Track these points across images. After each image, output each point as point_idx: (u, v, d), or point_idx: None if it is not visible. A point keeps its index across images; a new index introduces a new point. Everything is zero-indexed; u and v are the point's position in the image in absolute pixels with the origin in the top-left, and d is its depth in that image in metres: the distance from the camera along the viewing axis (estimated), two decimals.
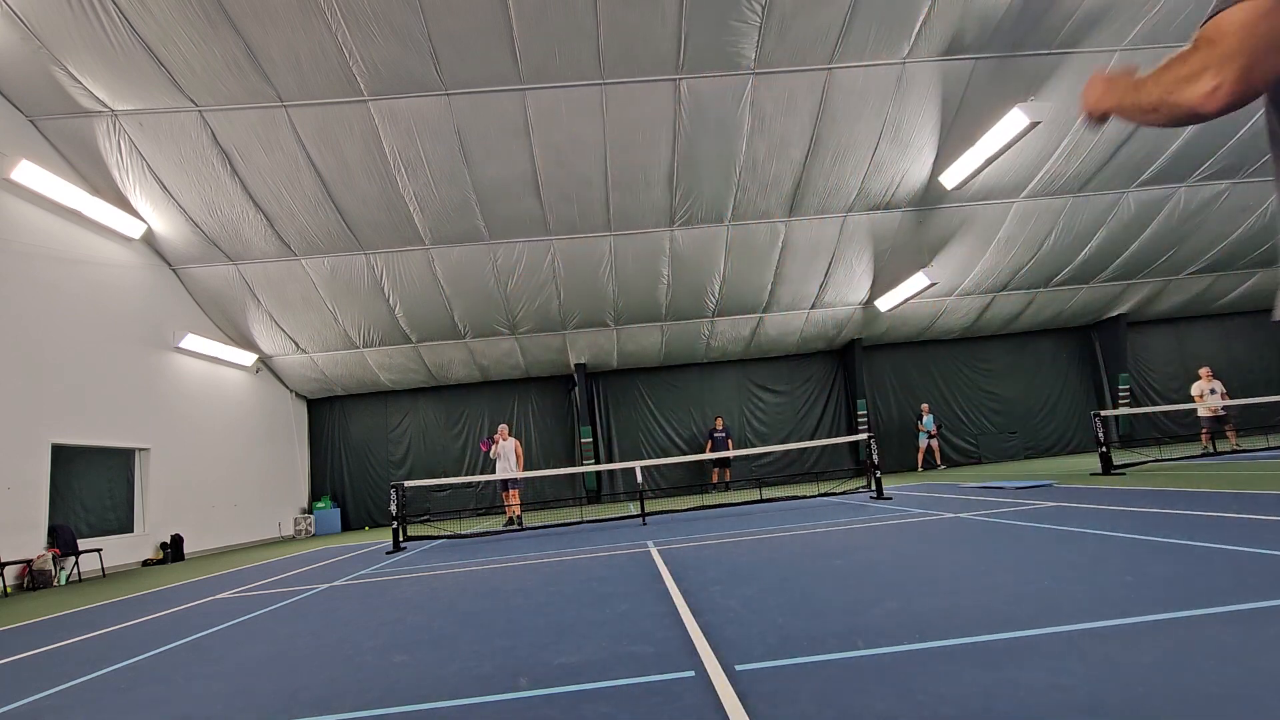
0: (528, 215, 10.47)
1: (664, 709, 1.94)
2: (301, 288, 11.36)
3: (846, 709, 1.80)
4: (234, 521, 12.36)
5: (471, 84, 8.34)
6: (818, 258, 12.25)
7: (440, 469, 15.19)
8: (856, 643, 2.37)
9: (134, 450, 10.28)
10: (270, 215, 9.83)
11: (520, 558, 6.09)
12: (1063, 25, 8.47)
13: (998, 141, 8.65)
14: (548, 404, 15.67)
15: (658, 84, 8.64)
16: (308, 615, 4.19)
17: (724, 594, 3.46)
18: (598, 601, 3.62)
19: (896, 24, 8.20)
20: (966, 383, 16.04)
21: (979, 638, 2.29)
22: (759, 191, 10.59)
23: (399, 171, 9.36)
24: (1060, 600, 2.67)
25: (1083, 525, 4.50)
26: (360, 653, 3.02)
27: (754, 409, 15.77)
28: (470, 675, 2.47)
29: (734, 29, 8.00)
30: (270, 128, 8.56)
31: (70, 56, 7.46)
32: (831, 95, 9.09)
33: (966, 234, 12.13)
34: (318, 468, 15.36)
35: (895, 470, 15.30)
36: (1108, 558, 3.40)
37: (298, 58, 7.74)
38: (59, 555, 8.30)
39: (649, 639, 2.73)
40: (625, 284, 12.20)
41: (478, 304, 12.26)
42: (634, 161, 9.72)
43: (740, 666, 2.24)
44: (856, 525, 5.87)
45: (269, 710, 2.32)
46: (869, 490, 8.91)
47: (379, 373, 14.26)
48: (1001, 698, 1.77)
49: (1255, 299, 15.75)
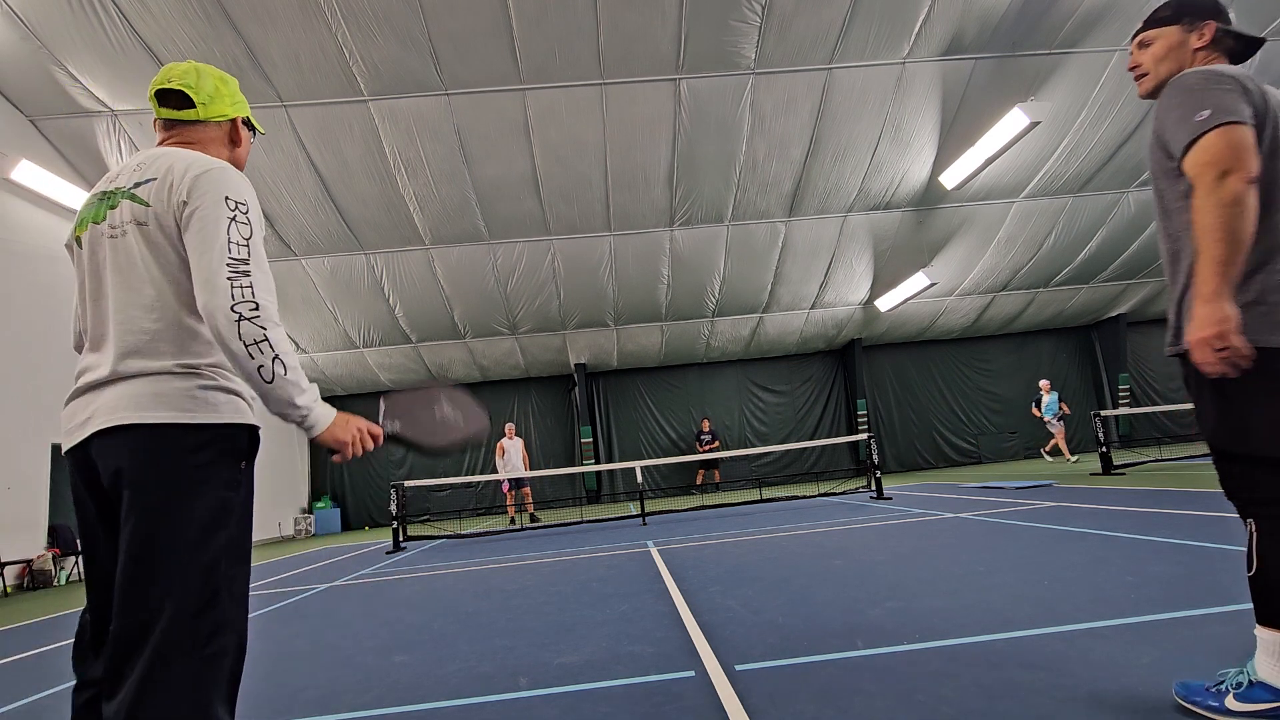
0: (528, 215, 10.47)
1: (664, 709, 1.94)
2: (301, 288, 11.36)
3: (846, 709, 1.80)
4: None
5: (471, 84, 8.34)
6: (817, 258, 12.25)
7: (440, 469, 15.19)
8: (856, 643, 2.37)
9: None
10: (270, 215, 9.82)
11: (520, 558, 6.09)
12: (1063, 25, 8.47)
13: (998, 141, 8.65)
14: (548, 404, 15.67)
15: (658, 84, 8.64)
16: (308, 615, 4.19)
17: (724, 594, 3.46)
18: (598, 601, 3.62)
19: (896, 24, 8.20)
20: (966, 383, 16.03)
21: (979, 638, 2.29)
22: (759, 191, 10.59)
23: (399, 171, 9.35)
24: (1060, 600, 2.67)
25: (1083, 525, 4.50)
26: (360, 653, 3.02)
27: (754, 409, 15.77)
28: (470, 675, 2.47)
29: (734, 29, 8.00)
30: (270, 128, 8.56)
31: (70, 56, 7.46)
32: (831, 95, 9.09)
33: (966, 234, 12.13)
34: (318, 467, 15.36)
35: (895, 471, 15.31)
36: (1108, 558, 3.40)
37: (298, 58, 7.74)
38: (59, 555, 8.30)
39: (649, 639, 2.73)
40: (625, 284, 12.20)
41: (478, 304, 12.26)
42: (634, 161, 9.72)
43: (740, 666, 2.24)
44: (856, 525, 5.87)
45: (269, 710, 2.32)
46: (869, 490, 8.91)
47: (379, 373, 14.26)
48: (1001, 698, 1.77)
49: None
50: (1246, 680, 1.51)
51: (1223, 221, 1.38)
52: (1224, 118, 1.41)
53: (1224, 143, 1.40)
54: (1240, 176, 1.38)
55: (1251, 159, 1.39)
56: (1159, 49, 1.68)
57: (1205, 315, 1.40)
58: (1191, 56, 1.64)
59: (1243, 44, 1.66)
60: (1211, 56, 1.63)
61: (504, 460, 10.51)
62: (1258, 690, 1.48)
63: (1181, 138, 1.47)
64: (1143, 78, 1.72)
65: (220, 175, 1.31)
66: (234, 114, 1.51)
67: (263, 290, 1.25)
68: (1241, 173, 1.38)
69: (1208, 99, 1.44)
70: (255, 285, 1.25)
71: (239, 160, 1.55)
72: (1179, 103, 1.50)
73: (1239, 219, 1.38)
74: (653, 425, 15.54)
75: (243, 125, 1.55)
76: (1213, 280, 1.39)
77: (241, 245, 1.26)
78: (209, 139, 1.48)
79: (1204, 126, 1.42)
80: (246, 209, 1.30)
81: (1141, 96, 1.75)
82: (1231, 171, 1.38)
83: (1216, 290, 1.39)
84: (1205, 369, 1.43)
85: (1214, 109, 1.43)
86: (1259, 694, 1.48)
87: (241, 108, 1.54)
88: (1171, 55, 1.66)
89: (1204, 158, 1.42)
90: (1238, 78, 1.48)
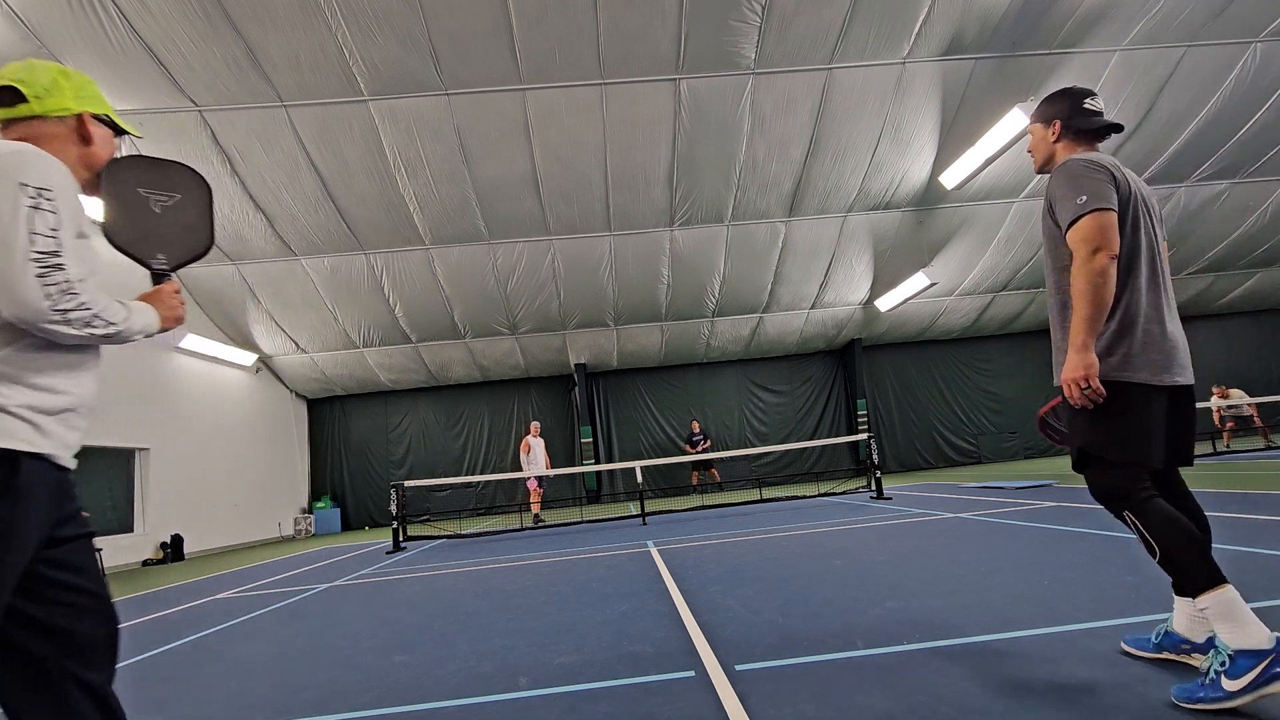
0: (528, 215, 10.47)
1: (664, 709, 1.95)
2: (301, 288, 11.36)
3: (846, 709, 1.80)
4: (234, 521, 12.36)
5: (471, 84, 8.34)
6: (817, 258, 12.25)
7: (440, 469, 15.19)
8: (856, 643, 2.37)
9: (134, 450, 10.28)
10: (270, 215, 9.82)
11: (520, 558, 6.09)
12: (1063, 25, 8.47)
13: (998, 141, 8.64)
14: (548, 404, 15.67)
15: (658, 84, 8.64)
16: (308, 615, 4.19)
17: (724, 594, 3.46)
18: (598, 601, 3.62)
19: (896, 24, 8.20)
20: (966, 383, 16.04)
21: (979, 638, 2.29)
22: (759, 191, 10.59)
23: (399, 171, 9.35)
24: (1060, 600, 2.67)
25: (1083, 525, 4.51)
26: (360, 653, 3.02)
27: (754, 409, 15.77)
28: (470, 675, 2.48)
29: (734, 29, 8.00)
30: (270, 128, 8.56)
31: (70, 56, 7.45)
32: (831, 95, 9.09)
33: (966, 234, 12.13)
34: (318, 467, 15.36)
35: (895, 471, 15.31)
36: (1108, 558, 3.40)
37: (298, 58, 7.74)
38: None
39: (649, 639, 2.73)
40: (625, 284, 12.20)
41: (478, 304, 12.26)
42: (634, 161, 9.72)
43: (740, 666, 2.24)
44: (856, 525, 5.87)
45: (269, 710, 2.32)
46: (869, 490, 8.91)
47: (379, 373, 14.27)
48: (1001, 698, 1.77)
49: (1255, 299, 15.76)
50: (1226, 657, 1.56)
51: (1092, 288, 1.74)
52: (1096, 204, 1.78)
53: (1095, 225, 1.76)
54: (1105, 253, 1.75)
55: (1114, 240, 1.76)
56: (1034, 140, 2.15)
57: (1075, 361, 1.76)
58: (1050, 147, 2.08)
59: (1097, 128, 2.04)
60: (1071, 145, 2.04)
61: (529, 457, 10.52)
62: (1240, 661, 1.53)
63: (1065, 216, 1.84)
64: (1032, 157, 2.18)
65: (12, 160, 1.18)
66: (80, 108, 1.38)
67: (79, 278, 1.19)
68: (1106, 250, 1.75)
69: (1085, 186, 1.81)
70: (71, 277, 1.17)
71: (94, 159, 1.43)
72: (1063, 185, 1.87)
73: (1103, 287, 1.75)
74: (653, 425, 15.55)
75: (95, 121, 1.42)
76: (1081, 334, 1.76)
77: (48, 236, 1.15)
78: (50, 135, 1.35)
79: (1081, 210, 1.79)
80: (52, 194, 1.19)
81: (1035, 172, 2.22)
82: (1101, 249, 1.75)
83: (1084, 343, 1.76)
84: (1072, 401, 1.81)
85: (1089, 195, 1.79)
86: (1243, 664, 1.53)
87: (93, 103, 1.41)
88: (1040, 145, 2.12)
89: (1081, 235, 1.78)
90: (1109, 168, 1.87)
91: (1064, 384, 1.80)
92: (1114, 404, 1.79)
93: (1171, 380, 1.82)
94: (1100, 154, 1.96)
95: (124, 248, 1.50)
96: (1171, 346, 1.84)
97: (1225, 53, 9.20)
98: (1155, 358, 1.81)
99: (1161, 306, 1.87)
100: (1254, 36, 9.04)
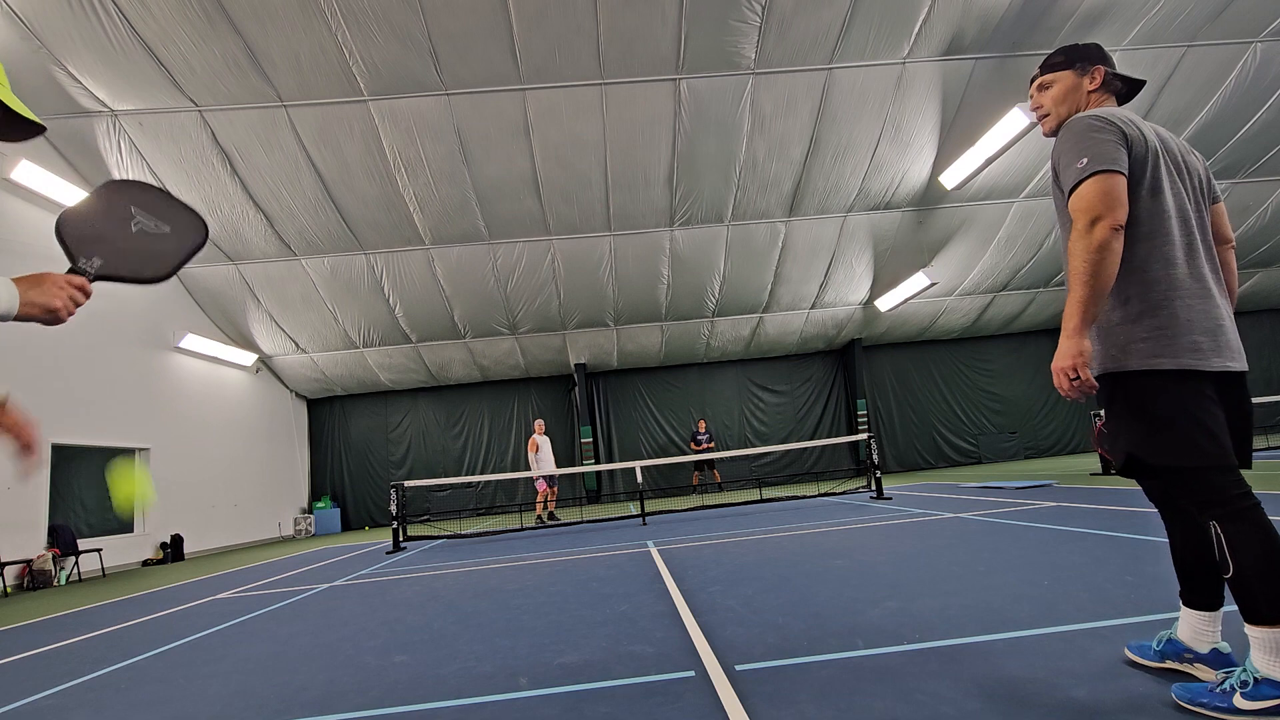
0: (528, 215, 10.47)
1: (664, 709, 1.94)
2: (301, 288, 11.36)
3: (846, 709, 1.80)
4: (234, 521, 12.36)
5: (471, 84, 8.34)
6: (817, 258, 12.25)
7: (440, 469, 15.20)
8: (856, 643, 2.37)
9: (134, 450, 10.28)
10: (270, 215, 9.82)
11: (520, 558, 6.09)
12: (1063, 25, 8.47)
13: (998, 141, 8.64)
14: (548, 404, 15.67)
15: (658, 84, 8.64)
16: (308, 615, 4.19)
17: (724, 594, 3.46)
18: (598, 601, 3.62)
19: (896, 24, 8.20)
20: (966, 383, 16.04)
21: (979, 638, 2.29)
22: (759, 191, 10.59)
23: (399, 171, 9.36)
24: (1060, 600, 2.67)
25: (1083, 525, 4.50)
26: (360, 653, 3.02)
27: (754, 409, 15.77)
28: (470, 675, 2.47)
29: (734, 29, 8.00)
30: (270, 128, 8.56)
31: (70, 56, 7.46)
32: (831, 95, 9.09)
33: (966, 234, 12.13)
34: (318, 468, 15.36)
35: (895, 471, 15.31)
36: (1108, 558, 3.40)
37: (298, 58, 7.74)
38: (59, 555, 8.30)
39: (649, 639, 2.73)
40: (625, 284, 12.20)
41: (478, 304, 12.26)
42: (634, 161, 9.72)
43: (740, 666, 2.24)
44: (856, 525, 5.87)
45: (269, 710, 2.32)
46: (869, 490, 8.91)
47: (379, 373, 14.27)
48: (1001, 698, 1.77)
49: (1255, 299, 15.75)
50: (1251, 679, 1.51)
51: (1089, 265, 1.53)
52: (1098, 166, 1.56)
53: (1097, 191, 1.55)
54: (1107, 224, 1.52)
55: (1119, 208, 1.53)
56: (1057, 92, 1.85)
57: (1067, 348, 1.56)
58: (1086, 98, 1.81)
59: (1128, 86, 1.84)
60: (1103, 98, 1.80)
61: (537, 456, 10.37)
62: (1265, 687, 1.49)
63: (1066, 182, 1.64)
64: (1045, 118, 1.89)
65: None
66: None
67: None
68: (1108, 220, 1.52)
69: (1088, 146, 1.59)
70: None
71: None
72: (1067, 147, 1.65)
73: (1102, 264, 1.52)
74: (653, 425, 15.54)
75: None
76: (1075, 318, 1.55)
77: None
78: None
79: (1082, 174, 1.57)
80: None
81: (1045, 135, 1.90)
82: (1101, 219, 1.53)
83: (1078, 328, 1.55)
84: (1061, 393, 1.60)
85: (1090, 158, 1.57)
86: (1267, 690, 1.49)
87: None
88: (1069, 98, 1.83)
89: (1079, 204, 1.57)
90: (1118, 124, 1.63)
91: (1053, 373, 1.59)
92: (1153, 399, 1.55)
93: (1222, 365, 1.58)
94: (1112, 109, 1.73)
95: (65, 238, 1.33)
96: (1216, 325, 1.60)
97: (1225, 53, 9.20)
98: (1199, 338, 1.57)
99: (1205, 278, 1.62)
100: (1254, 36, 9.04)
